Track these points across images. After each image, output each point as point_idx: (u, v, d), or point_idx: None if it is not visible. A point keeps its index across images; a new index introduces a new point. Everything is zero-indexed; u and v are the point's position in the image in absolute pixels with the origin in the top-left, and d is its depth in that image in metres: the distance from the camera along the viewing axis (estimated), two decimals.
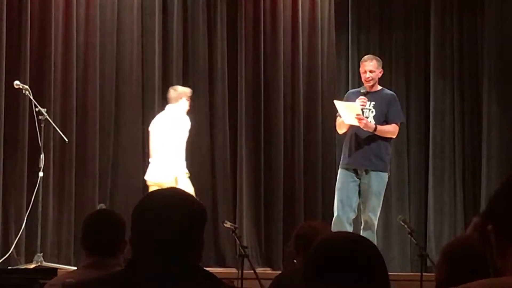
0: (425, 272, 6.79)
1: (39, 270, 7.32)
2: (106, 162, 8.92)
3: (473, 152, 10.33)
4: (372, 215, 7.96)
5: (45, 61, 8.65)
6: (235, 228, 6.94)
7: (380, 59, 8.20)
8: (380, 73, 8.10)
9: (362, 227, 8.07)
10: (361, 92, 7.99)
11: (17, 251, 8.13)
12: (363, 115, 7.83)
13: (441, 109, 10.30)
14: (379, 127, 7.88)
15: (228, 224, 6.91)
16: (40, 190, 7.90)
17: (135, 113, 9.12)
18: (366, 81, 7.99)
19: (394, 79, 10.24)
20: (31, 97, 7.95)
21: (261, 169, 9.48)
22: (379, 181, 7.99)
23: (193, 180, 9.25)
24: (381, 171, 8.00)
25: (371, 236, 7.80)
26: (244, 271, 6.62)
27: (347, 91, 8.75)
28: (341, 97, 8.47)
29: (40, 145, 7.94)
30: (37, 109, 7.91)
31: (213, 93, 9.44)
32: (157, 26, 9.21)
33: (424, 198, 10.27)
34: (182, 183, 8.25)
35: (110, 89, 9.05)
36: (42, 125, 7.94)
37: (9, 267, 7.76)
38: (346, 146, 8.07)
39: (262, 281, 6.23)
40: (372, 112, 7.94)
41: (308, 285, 2.19)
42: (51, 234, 8.48)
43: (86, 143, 8.80)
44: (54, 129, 8.18)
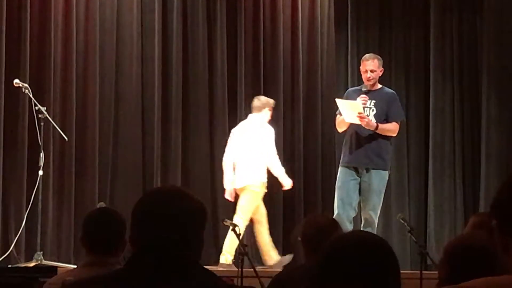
0: (424, 270, 6.79)
1: (39, 269, 7.32)
2: (105, 161, 8.92)
3: (472, 151, 10.32)
4: (372, 213, 7.97)
5: (44, 59, 8.65)
6: (235, 226, 6.93)
7: (380, 58, 8.20)
8: (381, 72, 8.11)
9: (362, 225, 8.08)
10: (362, 90, 7.99)
11: (17, 249, 8.13)
12: (364, 113, 7.83)
13: (441, 108, 10.30)
14: (380, 125, 7.88)
15: (228, 223, 6.91)
16: (40, 188, 7.90)
17: (134, 112, 9.12)
18: (367, 80, 7.99)
19: (393, 78, 10.24)
20: (31, 96, 7.95)
21: None
22: (379, 179, 8.00)
23: (193, 179, 9.26)
24: (382, 169, 8.01)
25: None
26: (244, 270, 6.62)
27: (346, 89, 8.75)
28: (340, 95, 8.46)
29: (40, 143, 7.94)
30: (36, 108, 7.91)
31: (212, 91, 9.44)
32: (156, 25, 9.21)
33: (424, 197, 10.27)
34: (258, 190, 8.53)
35: (110, 87, 9.05)
36: (42, 124, 7.93)
37: (9, 265, 7.76)
38: (346, 145, 8.07)
39: (262, 279, 6.23)
40: (373, 110, 7.94)
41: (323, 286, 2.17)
42: (51, 233, 8.48)
43: (85, 142, 8.80)
44: (53, 127, 8.18)
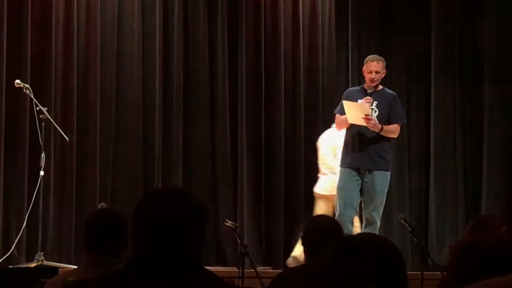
0: (426, 271, 6.79)
1: (40, 269, 7.32)
2: (106, 161, 8.91)
3: (474, 150, 10.32)
4: (375, 214, 7.97)
5: (46, 60, 8.65)
6: (236, 227, 6.93)
7: (384, 59, 8.19)
8: (384, 73, 8.11)
9: (363, 225, 8.08)
10: (368, 92, 7.98)
11: (18, 250, 8.13)
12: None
13: (442, 107, 10.29)
14: (384, 127, 7.89)
15: (229, 223, 6.90)
16: (41, 189, 7.91)
17: (135, 112, 9.11)
18: (372, 81, 7.98)
19: (394, 77, 10.22)
20: (32, 96, 7.94)
21: (261, 167, 9.47)
22: (382, 180, 8.01)
23: (194, 179, 9.26)
24: (384, 170, 8.02)
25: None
26: (244, 270, 6.62)
27: (347, 89, 8.74)
28: (341, 96, 8.46)
29: (41, 144, 7.94)
30: (38, 108, 7.91)
31: (213, 92, 9.43)
32: (157, 26, 9.20)
33: (425, 197, 10.26)
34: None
35: (111, 88, 9.04)
36: (43, 124, 7.94)
37: (10, 266, 7.76)
38: (348, 146, 8.06)
39: (263, 280, 6.23)
40: (376, 111, 7.94)
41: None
42: (52, 233, 8.48)
43: (87, 142, 8.79)
44: (55, 128, 8.18)
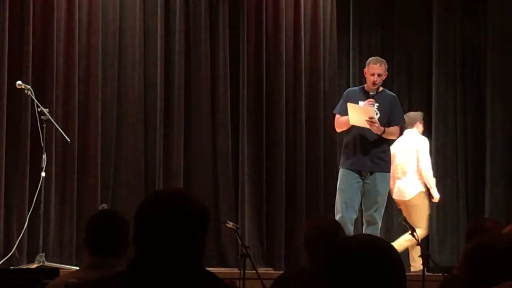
0: (427, 272, 6.79)
1: (41, 270, 7.32)
2: (108, 162, 8.91)
3: (475, 152, 10.32)
4: (376, 215, 7.98)
5: (47, 61, 8.65)
6: (237, 228, 6.92)
7: (385, 61, 8.19)
8: (385, 76, 8.11)
9: (364, 227, 8.09)
10: (370, 94, 7.98)
11: (19, 251, 8.13)
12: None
13: (444, 109, 10.29)
14: (386, 129, 7.90)
15: (230, 224, 6.90)
16: (42, 190, 7.91)
17: (137, 113, 9.11)
18: (373, 84, 7.98)
19: (396, 79, 10.23)
20: (33, 97, 7.95)
21: (263, 169, 9.47)
22: (383, 181, 8.02)
23: (195, 181, 9.26)
24: (385, 171, 8.04)
25: (375, 234, 7.82)
26: (246, 271, 6.61)
27: (346, 89, 8.71)
28: (342, 96, 8.45)
29: (42, 145, 7.94)
30: (39, 109, 7.91)
31: (215, 93, 9.43)
32: (159, 27, 9.20)
33: None
34: (424, 199, 9.07)
35: (112, 89, 9.04)
36: (44, 125, 7.94)
37: (11, 267, 7.76)
38: (349, 147, 8.06)
39: (264, 281, 6.23)
40: (377, 114, 7.94)
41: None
42: (53, 234, 8.48)
43: (88, 143, 8.79)
44: (56, 129, 8.18)
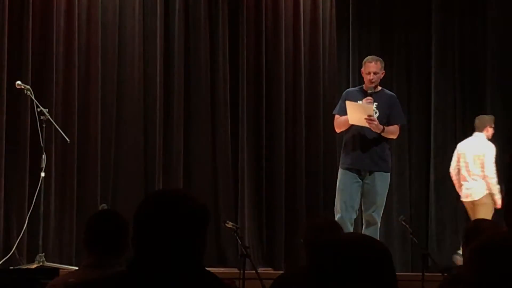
0: (426, 272, 6.80)
1: (40, 270, 7.32)
2: (107, 162, 8.91)
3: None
4: (375, 215, 7.98)
5: (47, 61, 8.65)
6: (236, 228, 6.92)
7: (382, 60, 8.20)
8: (382, 74, 8.12)
9: (364, 226, 8.08)
10: (368, 92, 7.99)
11: (19, 251, 8.13)
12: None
13: (442, 109, 10.30)
14: (385, 128, 7.90)
15: (229, 224, 6.90)
16: (42, 190, 7.91)
17: (136, 114, 9.12)
18: (370, 82, 8.00)
19: (395, 78, 10.23)
20: (33, 97, 7.94)
21: (262, 168, 9.48)
22: (383, 181, 8.02)
23: (194, 180, 9.27)
24: (385, 171, 8.04)
25: (375, 234, 7.84)
26: (245, 271, 6.62)
27: (346, 90, 8.72)
28: (341, 96, 8.46)
29: (42, 145, 7.94)
30: (39, 109, 7.91)
31: (214, 93, 9.43)
32: (158, 27, 9.20)
33: (425, 198, 10.27)
34: (490, 200, 9.35)
35: (112, 90, 9.04)
36: (44, 125, 7.94)
37: (11, 267, 7.76)
38: (348, 147, 8.06)
39: (264, 281, 6.23)
40: (376, 113, 7.95)
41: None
42: (53, 234, 8.48)
43: (87, 143, 8.79)
44: (55, 129, 8.18)
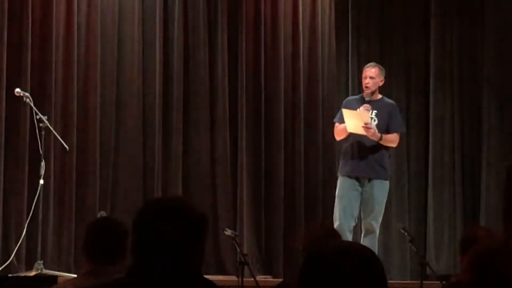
0: (425, 280, 6.80)
1: (39, 278, 7.30)
2: (106, 170, 8.90)
3: (472, 160, 10.32)
4: (374, 223, 7.98)
5: (46, 68, 8.65)
6: (235, 235, 6.93)
7: (382, 68, 8.21)
8: (381, 82, 8.12)
9: (362, 234, 8.08)
10: (365, 100, 8.00)
11: (17, 258, 8.12)
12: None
13: (441, 117, 10.30)
14: (384, 136, 7.91)
15: (228, 232, 6.91)
16: (41, 197, 7.90)
17: (135, 121, 9.11)
18: (366, 87, 8.01)
19: (394, 87, 10.24)
20: (32, 105, 7.95)
21: (261, 176, 9.47)
22: (382, 189, 8.02)
23: (193, 188, 9.26)
24: (384, 179, 8.04)
25: (373, 243, 7.84)
26: (244, 279, 6.62)
27: (346, 98, 8.74)
28: (340, 104, 8.47)
29: (41, 152, 7.94)
30: (38, 117, 7.91)
31: (213, 101, 9.43)
32: (158, 36, 9.20)
33: (424, 206, 10.26)
34: None
35: (111, 97, 9.04)
36: (43, 133, 7.94)
37: (9, 274, 7.75)
38: (347, 154, 8.07)
39: None
40: (375, 121, 7.96)
41: None
42: (52, 242, 8.47)
43: (86, 151, 8.79)
44: (54, 136, 8.18)
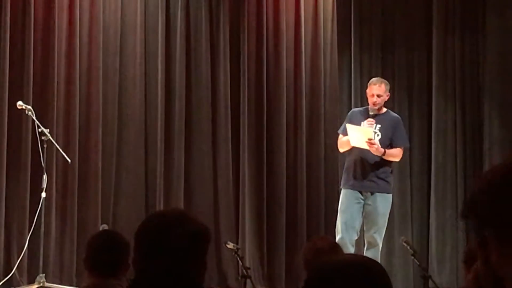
0: None
1: None
2: (108, 183, 8.91)
3: (475, 172, 10.31)
4: (377, 236, 7.97)
5: (48, 81, 8.66)
6: (237, 249, 6.91)
7: (388, 82, 8.21)
8: (387, 97, 8.13)
9: (365, 248, 8.06)
10: (370, 114, 7.99)
11: (19, 271, 8.11)
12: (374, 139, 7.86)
13: (443, 129, 10.29)
14: (387, 151, 7.91)
15: (230, 245, 6.89)
16: (43, 210, 7.90)
17: (137, 134, 9.12)
18: (373, 105, 8.00)
19: (396, 99, 10.23)
20: (34, 118, 7.96)
21: (263, 189, 9.46)
22: (384, 202, 8.02)
23: (195, 201, 9.26)
24: (386, 192, 8.04)
25: (376, 256, 7.82)
26: None
27: (349, 111, 8.74)
28: (343, 118, 8.47)
29: (43, 165, 7.94)
30: (40, 130, 7.92)
31: (215, 113, 9.44)
32: (160, 47, 9.22)
33: (426, 219, 10.24)
34: None
35: (113, 109, 9.05)
36: (45, 146, 7.95)
37: (11, 287, 7.75)
38: (350, 168, 8.05)
39: None
40: (378, 135, 7.95)
41: None
42: (54, 255, 8.47)
43: (88, 164, 8.79)
44: (56, 149, 8.18)
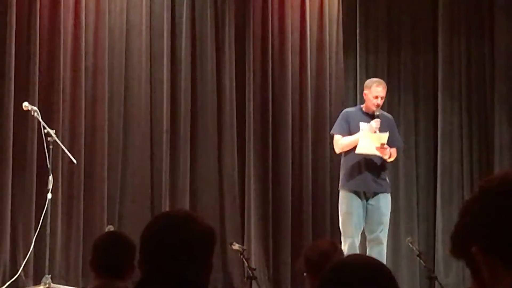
0: None
1: None
2: (114, 184, 8.91)
3: (480, 174, 10.29)
4: (382, 235, 8.00)
5: (54, 82, 8.67)
6: (243, 250, 6.92)
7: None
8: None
9: (369, 247, 8.07)
10: (376, 114, 8.01)
11: (25, 272, 8.12)
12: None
13: (449, 131, 10.28)
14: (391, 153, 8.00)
15: (236, 246, 6.90)
16: (49, 211, 7.90)
17: (143, 135, 9.12)
18: (377, 106, 8.04)
19: (402, 101, 10.23)
20: (40, 119, 7.97)
21: (269, 191, 9.46)
22: (386, 202, 8.07)
23: (200, 202, 9.26)
24: (387, 192, 8.10)
25: (382, 255, 7.85)
26: None
27: (343, 110, 8.65)
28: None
29: (49, 166, 7.95)
30: (45, 131, 7.92)
31: (221, 114, 9.44)
32: (165, 49, 9.22)
33: (433, 220, 10.23)
34: None
35: (119, 111, 9.06)
36: (51, 147, 7.95)
37: None
38: (352, 170, 8.04)
39: None
40: None
41: None
42: (60, 256, 8.47)
43: (94, 165, 8.80)
44: (62, 150, 8.19)
